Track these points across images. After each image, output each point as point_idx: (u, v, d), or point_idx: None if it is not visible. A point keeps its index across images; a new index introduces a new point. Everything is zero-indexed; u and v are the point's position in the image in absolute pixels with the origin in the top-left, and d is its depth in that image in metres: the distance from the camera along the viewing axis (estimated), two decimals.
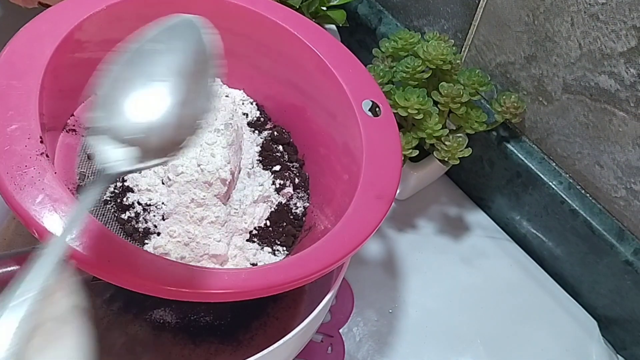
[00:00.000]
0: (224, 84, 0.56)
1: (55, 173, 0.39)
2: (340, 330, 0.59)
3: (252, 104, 0.56)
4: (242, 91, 0.56)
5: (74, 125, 0.48)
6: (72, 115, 0.49)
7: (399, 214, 0.68)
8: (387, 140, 0.50)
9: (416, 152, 0.58)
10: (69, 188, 0.44)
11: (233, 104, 0.55)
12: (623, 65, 0.51)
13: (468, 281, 0.64)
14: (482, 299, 0.63)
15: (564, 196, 0.61)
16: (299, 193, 0.52)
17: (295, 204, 0.52)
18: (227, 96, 0.55)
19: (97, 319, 0.54)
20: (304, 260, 0.42)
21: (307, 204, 0.52)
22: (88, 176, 0.46)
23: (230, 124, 0.48)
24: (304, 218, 0.52)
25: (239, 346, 0.54)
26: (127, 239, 0.45)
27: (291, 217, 0.51)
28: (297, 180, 0.53)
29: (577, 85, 0.56)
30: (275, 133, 0.55)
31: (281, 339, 0.43)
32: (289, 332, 0.43)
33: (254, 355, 0.42)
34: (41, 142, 0.40)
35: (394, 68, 0.60)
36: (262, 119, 0.55)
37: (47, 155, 0.39)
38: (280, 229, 0.50)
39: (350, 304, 0.61)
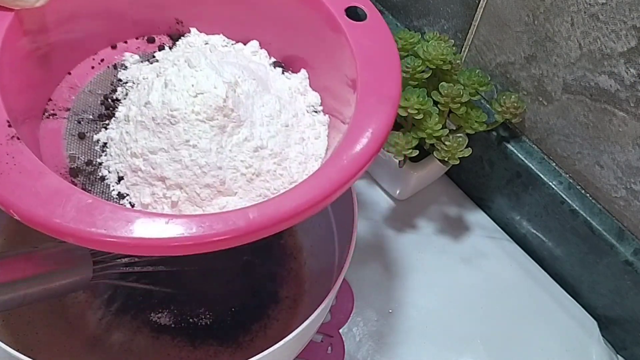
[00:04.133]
0: (201, 32, 0.53)
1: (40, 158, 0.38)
2: (340, 330, 0.59)
3: (234, 45, 0.53)
4: (221, 35, 0.53)
5: (53, 110, 0.47)
6: (50, 100, 0.48)
7: (399, 214, 0.68)
8: (379, 42, 0.47)
9: (416, 152, 0.58)
10: (60, 173, 0.43)
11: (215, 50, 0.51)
12: (623, 65, 0.51)
13: (468, 281, 0.64)
14: (482, 299, 0.63)
15: (564, 196, 0.61)
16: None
17: None
18: (206, 43, 0.52)
19: (95, 319, 0.54)
20: (319, 178, 0.39)
21: None
22: (79, 157, 0.45)
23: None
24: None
25: (239, 348, 0.54)
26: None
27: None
28: None
29: (577, 85, 0.56)
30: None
31: (281, 340, 0.43)
32: (289, 333, 0.43)
33: (254, 356, 0.42)
34: (9, 126, 0.38)
35: None
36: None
37: (18, 138, 0.38)
38: None
39: (350, 304, 0.61)
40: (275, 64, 0.52)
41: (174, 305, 0.55)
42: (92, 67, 0.50)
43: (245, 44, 0.53)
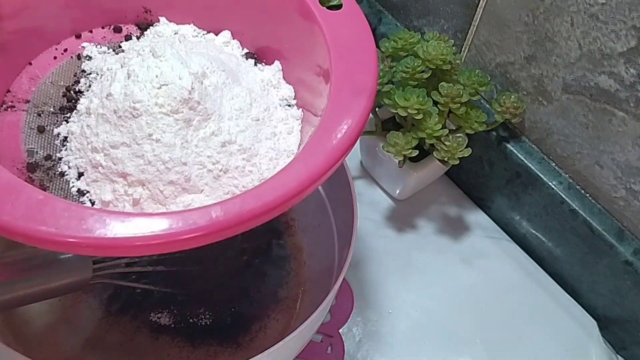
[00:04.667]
0: (171, 21, 0.51)
1: None
2: (340, 330, 0.59)
3: (205, 35, 0.51)
4: (191, 25, 0.51)
5: (12, 102, 0.45)
6: (9, 91, 0.46)
7: (399, 214, 0.68)
8: (355, 32, 0.45)
9: (416, 152, 0.58)
10: (17, 168, 0.42)
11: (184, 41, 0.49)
12: (623, 66, 0.51)
13: (468, 281, 0.64)
14: (482, 299, 0.63)
15: (564, 196, 0.61)
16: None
17: None
18: (176, 33, 0.50)
19: (95, 319, 0.54)
20: (288, 175, 0.37)
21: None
22: (37, 151, 0.43)
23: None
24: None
25: (238, 348, 0.54)
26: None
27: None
28: None
29: (577, 85, 0.56)
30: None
31: (281, 341, 0.43)
32: (289, 333, 0.43)
33: (254, 356, 0.42)
34: None
35: (394, 68, 0.60)
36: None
37: None
38: None
39: (350, 304, 0.61)
40: (248, 55, 0.50)
41: (174, 305, 0.55)
42: (55, 58, 0.48)
43: (217, 34, 0.51)
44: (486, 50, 0.62)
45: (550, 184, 0.61)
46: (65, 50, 0.49)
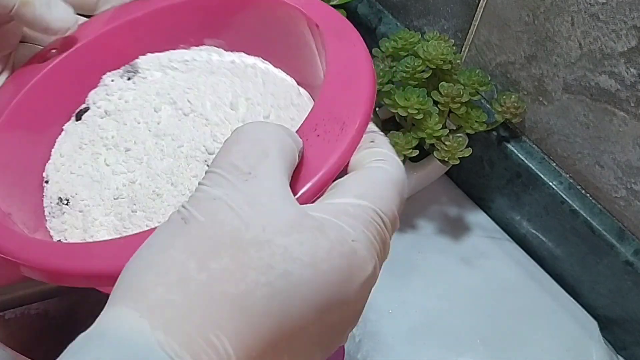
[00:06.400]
0: (142, 71, 0.42)
1: None
2: None
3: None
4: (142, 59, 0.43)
5: None
6: None
7: (399, 214, 0.68)
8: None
9: (416, 152, 0.58)
10: None
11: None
12: (623, 65, 0.51)
13: (468, 281, 0.64)
14: (482, 299, 0.63)
15: (564, 196, 0.61)
16: None
17: None
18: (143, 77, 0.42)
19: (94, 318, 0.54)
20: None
21: None
22: None
23: None
24: None
25: None
26: None
27: None
28: None
29: (577, 85, 0.56)
30: None
31: None
32: None
33: None
34: None
35: (394, 68, 0.60)
36: None
37: None
38: None
39: None
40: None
41: None
42: None
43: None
44: (486, 50, 0.62)
45: (550, 184, 0.61)
46: None
